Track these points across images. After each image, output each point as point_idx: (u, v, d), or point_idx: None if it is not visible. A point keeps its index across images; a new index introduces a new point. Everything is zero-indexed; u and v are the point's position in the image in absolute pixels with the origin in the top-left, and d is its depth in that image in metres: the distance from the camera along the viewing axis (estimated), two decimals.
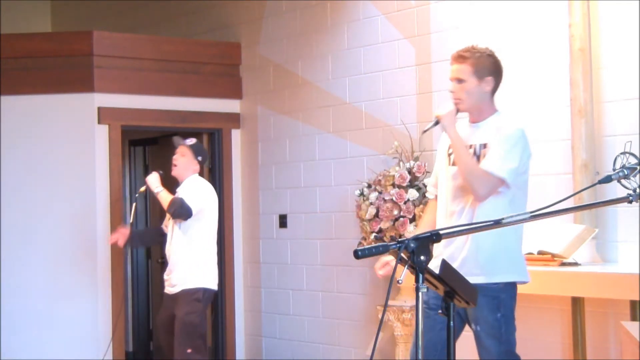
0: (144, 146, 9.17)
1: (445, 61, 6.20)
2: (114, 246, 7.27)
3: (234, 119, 7.98)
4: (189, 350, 6.05)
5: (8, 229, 7.26)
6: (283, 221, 7.55)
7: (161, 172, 6.40)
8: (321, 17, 7.21)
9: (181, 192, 6.19)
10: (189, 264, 6.17)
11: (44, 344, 7.23)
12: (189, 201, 6.06)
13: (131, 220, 6.69)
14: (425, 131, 4.45)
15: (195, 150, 6.33)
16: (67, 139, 7.35)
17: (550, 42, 5.57)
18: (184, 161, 6.30)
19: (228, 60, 7.98)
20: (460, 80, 4.26)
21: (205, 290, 6.18)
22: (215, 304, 7.91)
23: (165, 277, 6.30)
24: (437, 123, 4.29)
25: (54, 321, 7.27)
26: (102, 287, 7.28)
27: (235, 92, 7.99)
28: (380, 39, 6.67)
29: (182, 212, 6.05)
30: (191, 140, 6.37)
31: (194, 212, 6.08)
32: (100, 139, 7.33)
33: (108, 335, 7.27)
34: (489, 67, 4.26)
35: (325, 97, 7.16)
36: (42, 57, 7.38)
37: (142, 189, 6.47)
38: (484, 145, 4.21)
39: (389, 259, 4.40)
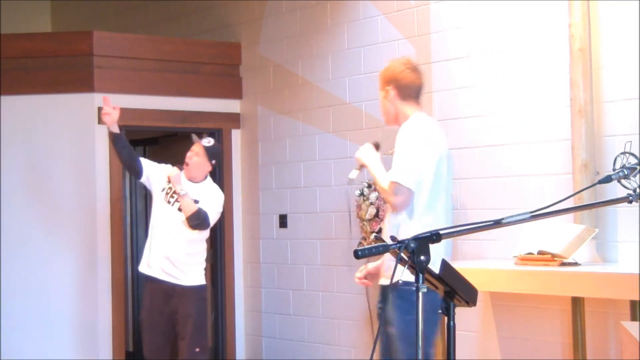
0: (144, 146, 9.16)
1: (445, 61, 6.23)
2: (114, 246, 7.28)
3: (234, 119, 7.98)
4: (198, 350, 6.09)
5: (8, 229, 7.26)
6: (283, 221, 7.55)
7: (182, 168, 6.25)
8: (321, 17, 7.21)
9: (201, 200, 6.12)
10: (199, 259, 6.23)
11: (44, 344, 7.23)
12: (210, 215, 6.11)
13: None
14: (351, 179, 4.57)
15: (211, 152, 6.24)
16: (67, 139, 7.35)
17: (550, 42, 5.57)
18: (197, 162, 6.21)
19: (228, 60, 7.98)
20: (379, 97, 4.52)
21: (205, 287, 6.31)
22: (215, 304, 7.92)
23: (158, 263, 6.12)
24: (361, 166, 4.49)
25: (54, 321, 7.27)
26: (102, 287, 7.27)
27: (235, 92, 8.00)
28: (380, 39, 6.67)
29: (203, 226, 6.12)
30: (209, 141, 6.28)
31: (211, 225, 6.20)
32: (100, 139, 7.33)
33: (108, 335, 7.27)
34: (388, 78, 4.44)
35: (325, 97, 7.16)
36: (42, 57, 7.38)
37: (166, 185, 6.19)
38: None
39: (372, 266, 4.42)
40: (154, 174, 6.31)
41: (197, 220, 6.06)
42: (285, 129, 7.55)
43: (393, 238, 2.80)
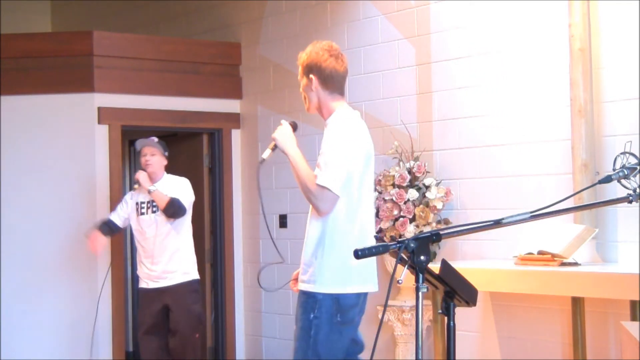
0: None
1: (445, 61, 6.23)
2: (114, 246, 7.29)
3: (234, 119, 7.98)
4: (197, 335, 6.44)
5: (8, 229, 7.26)
6: (283, 221, 7.55)
7: (145, 170, 6.54)
8: (321, 17, 7.21)
9: (169, 190, 6.38)
10: (186, 255, 6.48)
11: (44, 344, 7.23)
12: (182, 200, 6.36)
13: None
14: (263, 160, 4.24)
15: (162, 146, 6.55)
16: (67, 139, 7.35)
17: (550, 42, 5.57)
18: (156, 160, 6.49)
19: (228, 60, 7.98)
20: (299, 81, 4.19)
21: (198, 281, 6.55)
22: (215, 304, 7.92)
23: (149, 271, 6.46)
24: (275, 147, 4.16)
25: (54, 321, 7.27)
26: (102, 286, 7.27)
27: (235, 92, 8.00)
28: (380, 39, 6.68)
29: (179, 212, 6.34)
30: (154, 139, 6.56)
31: (187, 210, 6.41)
32: (100, 139, 7.34)
33: (108, 335, 7.27)
34: (310, 65, 4.11)
35: None
36: (42, 57, 7.38)
37: (136, 186, 6.54)
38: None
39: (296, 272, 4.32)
40: (123, 210, 6.63)
41: (172, 208, 6.30)
42: None
43: (393, 238, 2.80)
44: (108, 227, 6.62)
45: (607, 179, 3.06)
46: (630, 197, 2.97)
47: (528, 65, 5.72)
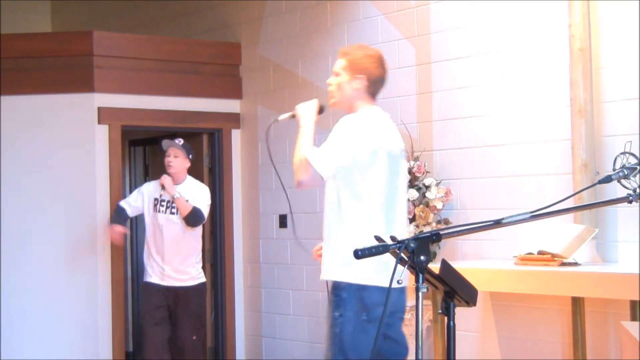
0: (144, 146, 9.17)
1: (445, 61, 6.23)
2: (114, 246, 7.28)
3: (234, 119, 7.98)
4: (195, 338, 6.59)
5: (8, 229, 7.26)
6: (283, 221, 7.55)
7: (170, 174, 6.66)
8: (321, 17, 7.21)
9: (190, 196, 6.53)
10: (196, 259, 6.64)
11: (44, 344, 7.23)
12: (203, 210, 6.54)
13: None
14: (277, 120, 4.44)
15: (187, 149, 6.64)
16: (67, 139, 7.35)
17: (550, 42, 5.57)
18: (179, 162, 6.60)
19: (228, 60, 7.98)
20: (336, 74, 4.26)
21: (204, 284, 6.73)
22: (215, 304, 7.92)
23: (160, 268, 6.57)
24: (293, 115, 4.34)
25: (54, 321, 7.26)
26: (102, 287, 7.28)
27: (235, 92, 8.00)
28: (380, 39, 6.68)
29: (200, 221, 6.54)
30: (180, 141, 6.66)
31: (205, 219, 6.61)
32: (100, 139, 7.33)
33: (108, 335, 7.27)
34: (364, 67, 4.19)
35: (325, 97, 7.13)
36: (42, 57, 7.38)
37: (162, 191, 6.61)
38: None
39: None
40: (137, 201, 6.77)
41: (194, 218, 6.46)
42: (285, 129, 7.53)
43: (393, 238, 2.80)
44: (120, 217, 6.77)
45: (607, 179, 3.06)
46: (630, 197, 2.97)
47: (528, 65, 5.72)
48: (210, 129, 7.92)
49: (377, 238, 2.86)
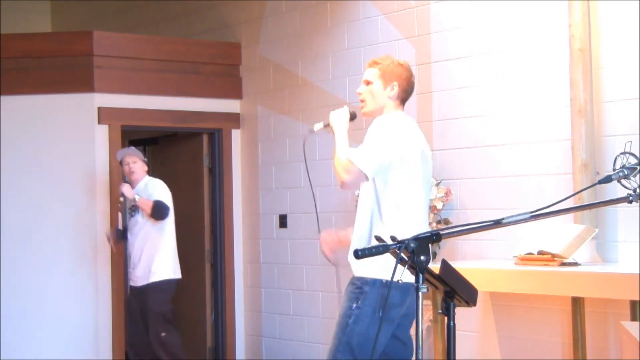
0: (144, 146, 9.16)
1: (445, 61, 6.23)
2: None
3: (234, 119, 7.98)
4: (163, 334, 6.66)
5: (8, 229, 7.26)
6: (283, 221, 7.54)
7: (128, 180, 6.89)
8: (321, 17, 7.21)
9: (152, 194, 6.74)
10: (164, 256, 6.76)
11: (44, 344, 7.23)
12: (165, 201, 6.71)
13: (120, 227, 7.11)
14: (312, 131, 4.52)
15: (140, 152, 6.94)
16: (67, 139, 7.35)
17: (550, 42, 5.57)
18: (138, 166, 6.85)
19: (228, 60, 7.98)
20: (368, 83, 4.38)
21: (169, 281, 6.78)
22: (215, 304, 7.92)
23: (131, 270, 6.86)
24: (327, 125, 4.41)
25: (54, 321, 7.27)
26: (102, 287, 7.27)
27: (235, 92, 7.99)
28: (380, 39, 6.68)
29: (165, 213, 6.68)
30: (131, 147, 6.99)
31: (171, 208, 6.74)
32: (100, 139, 7.33)
33: (108, 335, 7.27)
34: (397, 74, 4.36)
35: (325, 97, 7.16)
36: (42, 57, 7.38)
37: (122, 199, 6.87)
38: None
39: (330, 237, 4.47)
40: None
41: (159, 210, 6.65)
42: (285, 129, 7.55)
43: (393, 238, 2.80)
44: (120, 233, 7.03)
45: (607, 179, 3.06)
46: (630, 197, 2.97)
47: (528, 65, 5.72)
48: (210, 129, 7.92)
49: (378, 238, 2.86)
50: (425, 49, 6.34)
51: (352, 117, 4.40)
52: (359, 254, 2.79)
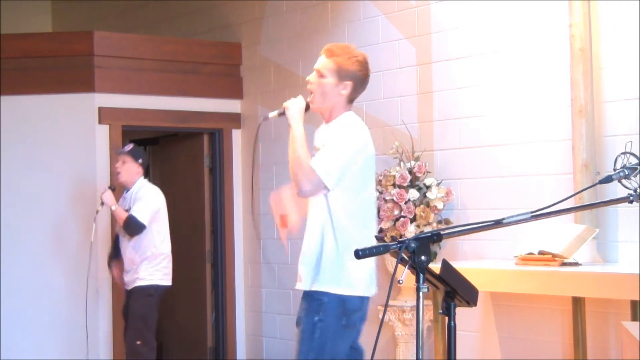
0: (144, 146, 9.16)
1: (446, 61, 6.23)
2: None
3: (234, 119, 7.98)
4: (139, 343, 6.55)
5: (8, 229, 7.26)
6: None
7: (112, 186, 6.78)
8: (321, 17, 7.21)
9: (136, 202, 6.60)
10: (153, 261, 6.62)
11: (44, 344, 7.23)
12: (139, 216, 6.52)
13: (92, 239, 6.92)
14: (266, 118, 4.31)
15: (134, 154, 6.70)
16: (67, 139, 7.35)
17: (550, 42, 5.57)
18: (126, 167, 6.66)
19: (228, 60, 7.98)
20: (320, 74, 4.13)
21: (158, 287, 6.65)
22: (216, 304, 7.92)
23: (125, 274, 6.75)
24: (283, 113, 4.20)
25: (53, 321, 7.27)
26: (102, 287, 7.27)
27: (235, 92, 7.99)
28: (380, 39, 6.67)
29: (135, 229, 6.52)
30: (128, 146, 6.76)
31: (146, 224, 6.53)
32: (101, 139, 7.33)
33: (108, 335, 7.27)
34: (352, 73, 4.06)
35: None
36: (42, 57, 7.38)
37: (100, 207, 6.77)
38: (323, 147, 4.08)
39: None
40: None
41: (128, 227, 6.53)
42: (285, 129, 7.50)
43: (394, 238, 2.79)
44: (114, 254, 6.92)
45: (608, 179, 3.06)
46: (631, 197, 2.97)
47: (528, 65, 5.72)
48: (211, 129, 7.92)
49: (378, 238, 2.85)
50: (426, 49, 6.34)
51: (307, 107, 4.22)
52: (360, 254, 2.78)
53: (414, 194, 6.04)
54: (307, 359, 4.00)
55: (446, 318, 2.89)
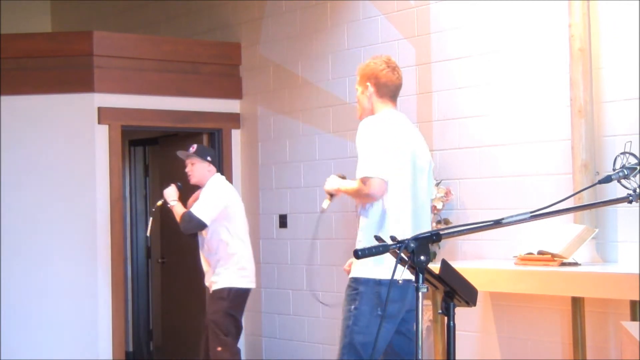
0: (144, 146, 9.17)
1: (445, 61, 6.23)
2: (114, 246, 7.30)
3: (234, 119, 7.98)
4: (219, 349, 6.26)
5: (8, 229, 7.26)
6: (283, 221, 7.54)
7: (179, 183, 6.49)
8: (321, 17, 7.21)
9: (197, 201, 6.33)
10: (226, 263, 6.30)
11: (44, 344, 7.23)
12: (198, 213, 6.19)
13: (148, 234, 6.80)
14: (324, 209, 4.67)
15: (200, 154, 6.42)
16: (67, 139, 7.35)
17: (550, 42, 5.57)
18: (196, 168, 6.41)
19: (228, 60, 7.98)
20: (355, 90, 4.56)
21: (231, 290, 6.30)
22: None
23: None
24: (332, 196, 4.60)
25: (54, 321, 7.27)
26: (102, 287, 7.28)
27: (235, 92, 7.99)
28: (380, 39, 6.68)
29: (192, 226, 6.23)
30: (192, 148, 6.47)
31: (207, 222, 6.21)
32: (100, 139, 7.33)
33: (108, 335, 7.27)
34: (368, 74, 4.47)
35: (325, 97, 7.16)
36: (42, 57, 7.38)
37: (159, 202, 6.52)
38: None
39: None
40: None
41: (182, 224, 6.25)
42: (285, 129, 7.55)
43: (393, 238, 2.80)
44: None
45: (607, 179, 3.06)
46: (630, 197, 2.97)
47: (528, 65, 5.72)
48: (210, 129, 7.92)
49: (377, 238, 2.86)
50: (425, 49, 6.34)
51: (342, 177, 4.64)
52: (359, 254, 2.79)
53: None
54: (343, 344, 4.23)
55: (445, 318, 2.89)
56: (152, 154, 9.05)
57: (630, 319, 4.80)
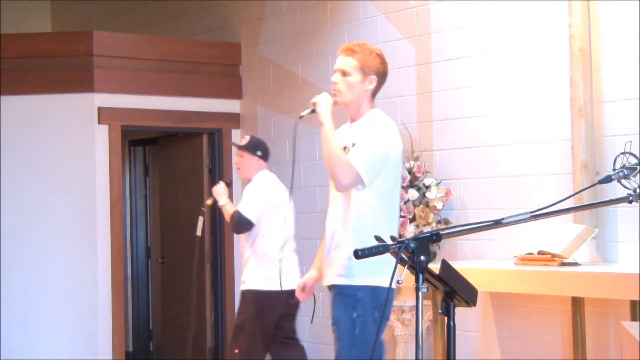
0: (144, 146, 9.18)
1: (445, 61, 6.23)
2: (114, 246, 7.29)
3: (234, 119, 7.98)
4: (236, 351, 6.14)
5: (8, 229, 7.26)
6: None
7: (228, 180, 6.42)
8: (321, 17, 7.21)
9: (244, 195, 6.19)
10: (260, 262, 6.13)
11: (44, 344, 7.23)
12: (245, 212, 6.03)
13: (199, 233, 6.71)
14: (301, 117, 4.32)
15: (250, 147, 6.27)
16: (67, 139, 7.35)
17: (550, 42, 5.57)
18: (244, 161, 6.27)
19: (228, 60, 7.98)
20: (344, 73, 4.22)
21: (256, 292, 6.12)
22: (215, 304, 7.92)
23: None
24: (313, 110, 4.26)
25: (53, 321, 7.27)
26: (102, 287, 7.27)
27: (235, 92, 8.00)
28: (380, 39, 6.67)
29: (241, 226, 6.07)
30: (245, 140, 6.36)
31: (254, 221, 6.05)
32: (100, 139, 7.33)
33: (108, 335, 7.27)
34: (376, 68, 4.23)
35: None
36: (42, 57, 7.38)
37: (209, 201, 6.42)
38: (354, 145, 4.19)
39: (308, 277, 4.51)
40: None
41: (232, 223, 6.11)
42: (285, 129, 7.55)
43: (393, 238, 2.80)
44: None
45: (607, 179, 3.06)
46: (630, 197, 2.97)
47: (528, 65, 5.72)
48: (210, 129, 7.92)
49: (377, 238, 2.86)
50: (425, 49, 6.34)
51: (334, 103, 4.31)
52: (359, 255, 2.78)
53: (413, 194, 6.04)
54: (351, 354, 4.11)
55: (445, 318, 2.89)
56: (152, 154, 9.06)
57: (630, 319, 4.80)
